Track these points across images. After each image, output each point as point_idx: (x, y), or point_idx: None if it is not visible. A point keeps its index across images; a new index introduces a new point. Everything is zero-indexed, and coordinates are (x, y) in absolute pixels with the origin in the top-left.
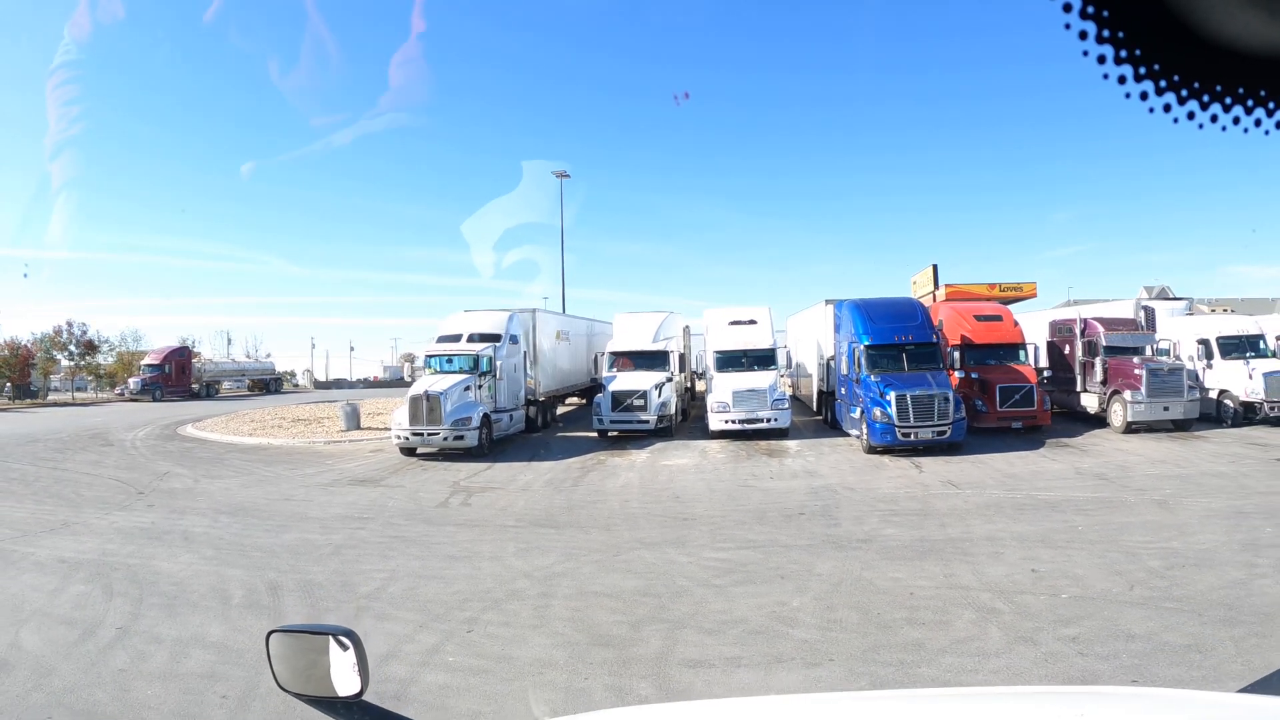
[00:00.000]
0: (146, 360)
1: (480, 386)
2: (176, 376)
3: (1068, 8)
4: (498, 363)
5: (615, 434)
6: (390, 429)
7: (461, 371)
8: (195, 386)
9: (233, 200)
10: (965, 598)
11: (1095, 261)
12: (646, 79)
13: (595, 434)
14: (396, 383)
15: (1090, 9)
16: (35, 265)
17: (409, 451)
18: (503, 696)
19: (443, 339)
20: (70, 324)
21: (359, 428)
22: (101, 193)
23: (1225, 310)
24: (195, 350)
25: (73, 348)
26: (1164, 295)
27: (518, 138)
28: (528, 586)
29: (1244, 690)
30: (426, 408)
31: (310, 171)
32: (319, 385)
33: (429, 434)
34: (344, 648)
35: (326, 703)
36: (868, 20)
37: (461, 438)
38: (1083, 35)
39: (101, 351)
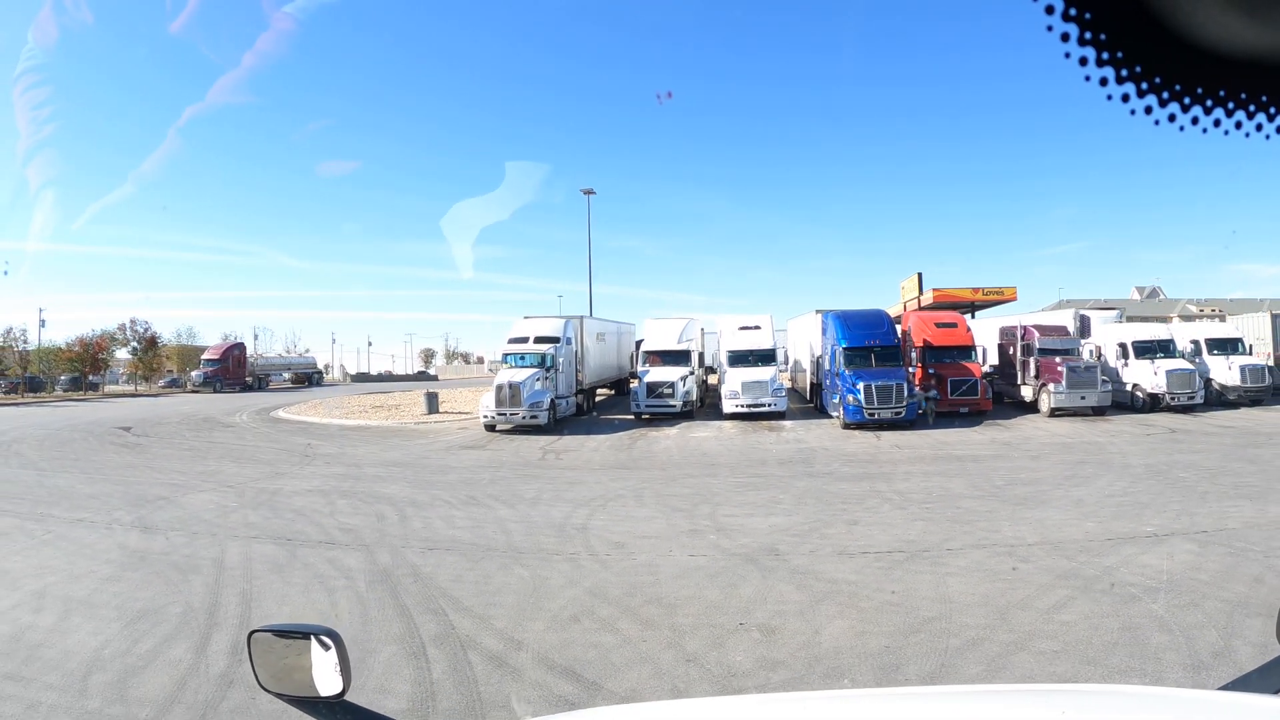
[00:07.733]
0: (207, 355)
1: (547, 377)
2: (234, 370)
3: (1050, 9)
4: (559, 359)
5: (648, 416)
6: (474, 411)
7: (532, 366)
8: (249, 380)
9: (241, 197)
10: (878, 495)
11: (1093, 258)
12: (650, 87)
13: (632, 416)
14: (418, 376)
15: (1072, 11)
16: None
17: (490, 428)
18: (637, 527)
19: (513, 340)
20: (133, 321)
21: (437, 411)
22: (83, 190)
23: (1215, 312)
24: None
25: (135, 343)
26: (1155, 295)
27: (522, 145)
28: (625, 493)
29: (1224, 688)
30: (509, 393)
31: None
32: (353, 379)
33: (510, 413)
34: (325, 648)
35: (309, 703)
36: (860, 33)
37: (536, 417)
38: (1065, 38)
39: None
